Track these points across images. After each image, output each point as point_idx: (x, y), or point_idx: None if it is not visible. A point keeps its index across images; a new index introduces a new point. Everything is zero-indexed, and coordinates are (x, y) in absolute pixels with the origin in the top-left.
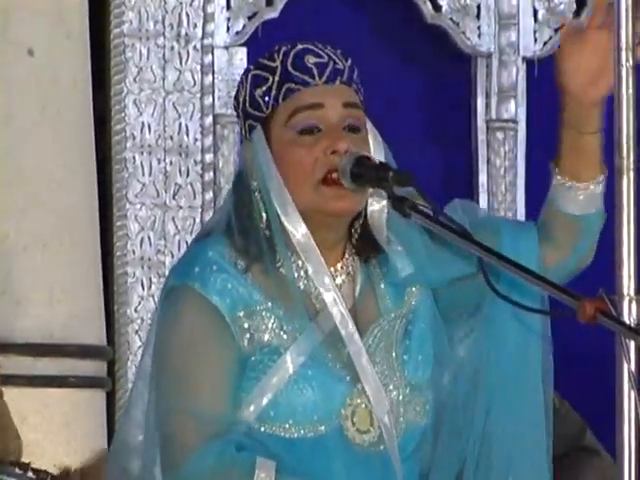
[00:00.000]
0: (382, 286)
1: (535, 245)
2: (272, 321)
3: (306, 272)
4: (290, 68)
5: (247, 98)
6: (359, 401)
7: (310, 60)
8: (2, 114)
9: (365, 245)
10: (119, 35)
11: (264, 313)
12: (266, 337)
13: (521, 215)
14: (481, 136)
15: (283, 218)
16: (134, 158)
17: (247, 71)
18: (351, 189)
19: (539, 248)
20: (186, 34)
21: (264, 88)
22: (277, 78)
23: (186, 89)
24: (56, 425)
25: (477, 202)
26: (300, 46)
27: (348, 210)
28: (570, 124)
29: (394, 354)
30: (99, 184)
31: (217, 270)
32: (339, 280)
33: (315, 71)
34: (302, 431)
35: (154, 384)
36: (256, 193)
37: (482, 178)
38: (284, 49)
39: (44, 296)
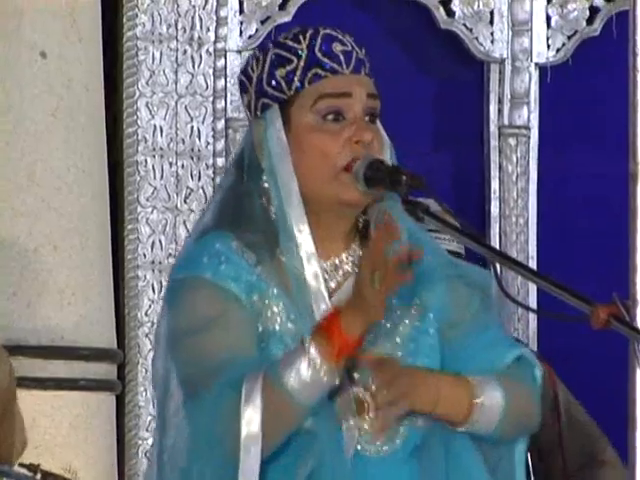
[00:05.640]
0: None
1: None
2: (281, 309)
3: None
4: (318, 53)
5: (265, 76)
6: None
7: (337, 47)
8: (14, 116)
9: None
10: (132, 38)
11: (274, 300)
12: (274, 325)
13: (532, 223)
14: (493, 142)
15: (286, 208)
16: (146, 161)
17: (265, 48)
18: (364, 191)
19: None
20: (199, 37)
21: (288, 69)
22: (303, 62)
23: (198, 93)
24: (65, 428)
25: (489, 208)
26: (324, 31)
27: (361, 201)
28: None
29: (399, 354)
30: (111, 187)
31: (226, 260)
32: (346, 268)
33: (342, 59)
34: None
35: (171, 375)
36: (265, 174)
37: (494, 184)
38: (310, 32)
39: (55, 298)
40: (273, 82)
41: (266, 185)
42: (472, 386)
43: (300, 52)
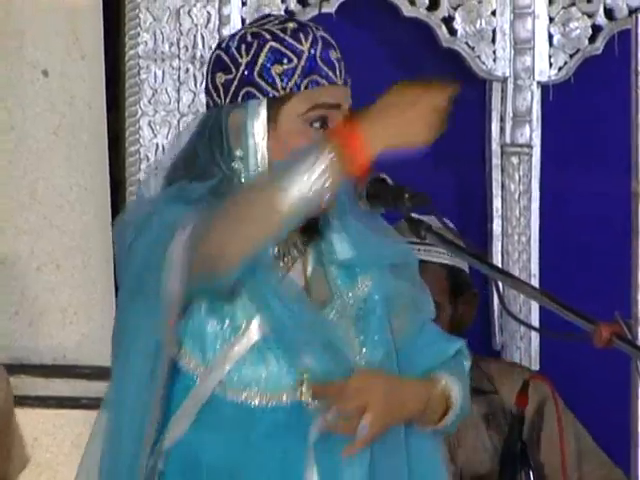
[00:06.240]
0: (332, 268)
1: None
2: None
3: None
4: (318, 59)
5: (258, 67)
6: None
7: (333, 55)
8: (16, 135)
9: (311, 227)
10: (134, 57)
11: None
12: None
13: (535, 241)
14: (495, 160)
15: None
16: None
17: (260, 37)
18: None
19: None
20: (201, 56)
21: (285, 67)
22: (303, 64)
23: (201, 111)
24: (67, 447)
25: (491, 227)
26: (319, 33)
27: (332, 205)
28: None
29: (351, 334)
30: (113, 206)
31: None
32: (294, 253)
33: (337, 68)
34: (264, 400)
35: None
36: (238, 163)
37: (496, 203)
38: (311, 34)
39: (57, 317)
40: (266, 76)
41: (236, 166)
42: (446, 389)
43: (300, 53)
